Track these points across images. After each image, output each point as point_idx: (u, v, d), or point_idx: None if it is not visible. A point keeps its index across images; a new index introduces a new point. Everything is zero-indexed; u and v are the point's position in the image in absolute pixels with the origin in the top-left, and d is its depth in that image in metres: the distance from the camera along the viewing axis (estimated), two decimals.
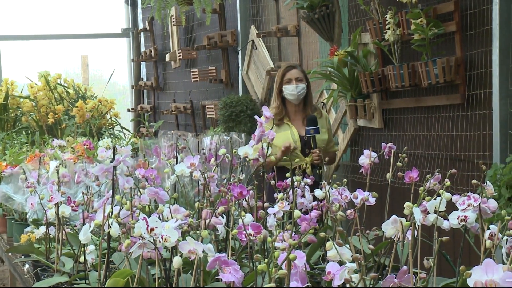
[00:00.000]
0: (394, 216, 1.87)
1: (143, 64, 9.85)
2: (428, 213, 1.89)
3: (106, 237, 2.16)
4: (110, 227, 2.04)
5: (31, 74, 8.21)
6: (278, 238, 1.81)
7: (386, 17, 4.34)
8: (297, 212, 2.02)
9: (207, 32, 7.21)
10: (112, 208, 2.10)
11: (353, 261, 1.64)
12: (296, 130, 4.32)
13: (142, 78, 9.86)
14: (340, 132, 5.36)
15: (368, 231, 2.12)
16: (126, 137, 7.02)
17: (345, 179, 2.56)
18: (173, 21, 8.01)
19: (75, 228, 2.82)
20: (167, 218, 2.09)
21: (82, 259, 2.32)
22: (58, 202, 2.53)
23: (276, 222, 2.14)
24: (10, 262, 3.65)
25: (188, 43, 8.11)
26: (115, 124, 7.42)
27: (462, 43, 3.96)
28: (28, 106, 7.37)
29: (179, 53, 7.87)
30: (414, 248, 1.85)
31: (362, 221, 2.29)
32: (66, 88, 7.74)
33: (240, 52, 6.68)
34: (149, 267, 2.12)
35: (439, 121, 4.24)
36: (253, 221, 2.06)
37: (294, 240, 1.65)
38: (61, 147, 4.78)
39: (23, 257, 3.10)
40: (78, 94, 7.78)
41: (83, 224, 2.37)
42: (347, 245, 1.73)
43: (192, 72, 7.39)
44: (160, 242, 1.80)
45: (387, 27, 4.32)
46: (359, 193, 2.33)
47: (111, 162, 2.47)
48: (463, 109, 4.01)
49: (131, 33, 10.00)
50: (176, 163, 2.74)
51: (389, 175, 2.47)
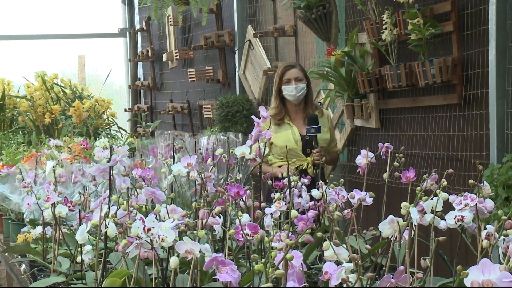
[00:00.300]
0: (391, 216, 1.87)
1: (140, 64, 9.84)
2: (425, 213, 1.89)
3: (103, 237, 2.16)
4: (107, 227, 2.04)
5: (27, 74, 8.19)
6: (275, 238, 1.81)
7: (383, 17, 4.34)
8: (294, 212, 2.02)
9: (204, 32, 7.21)
10: (109, 208, 2.10)
11: (350, 261, 1.64)
12: (297, 130, 4.22)
13: (139, 78, 9.84)
14: (337, 132, 5.36)
15: (365, 231, 2.12)
16: (123, 137, 7.00)
17: (342, 179, 2.56)
18: (170, 21, 8.00)
19: (71, 228, 2.82)
20: (164, 218, 2.09)
21: (79, 259, 2.32)
22: (55, 202, 2.53)
23: (273, 222, 2.14)
24: (6, 262, 3.65)
25: (185, 43, 8.10)
26: (112, 124, 7.40)
27: (459, 43, 3.96)
28: (25, 106, 7.36)
29: (176, 53, 7.86)
30: (411, 248, 1.85)
31: (359, 221, 2.29)
32: (63, 88, 7.73)
33: (237, 52, 6.68)
34: (146, 267, 2.12)
35: (436, 121, 4.24)
36: (250, 221, 2.07)
37: (291, 240, 1.65)
38: (57, 147, 4.78)
39: (19, 257, 3.10)
40: (75, 94, 7.76)
41: (80, 224, 2.37)
42: (344, 245, 1.73)
43: (189, 72, 7.38)
44: (157, 242, 1.80)
45: (384, 27, 4.32)
46: (356, 193, 2.34)
47: (108, 162, 2.47)
48: (460, 109, 4.01)
49: (128, 33, 9.99)
50: (173, 163, 2.73)
51: (386, 175, 2.47)
